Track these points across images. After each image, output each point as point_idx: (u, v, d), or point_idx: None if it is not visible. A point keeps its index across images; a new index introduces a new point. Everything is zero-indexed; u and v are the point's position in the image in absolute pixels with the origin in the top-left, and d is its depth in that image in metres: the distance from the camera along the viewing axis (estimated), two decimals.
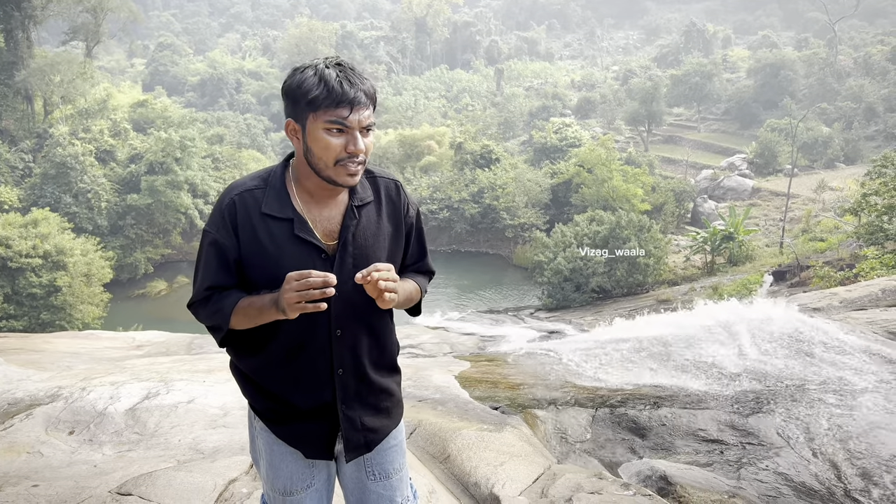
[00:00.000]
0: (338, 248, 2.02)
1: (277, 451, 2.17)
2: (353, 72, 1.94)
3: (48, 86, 39.21)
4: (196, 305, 2.09)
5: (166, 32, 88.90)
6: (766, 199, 40.08)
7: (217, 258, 2.01)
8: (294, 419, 2.12)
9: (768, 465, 4.74)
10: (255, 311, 1.94)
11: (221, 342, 2.09)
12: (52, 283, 24.37)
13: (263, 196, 2.00)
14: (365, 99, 1.91)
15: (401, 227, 2.18)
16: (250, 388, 2.17)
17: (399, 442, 2.30)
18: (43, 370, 7.21)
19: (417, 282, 2.25)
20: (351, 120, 1.89)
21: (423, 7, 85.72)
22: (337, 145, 1.91)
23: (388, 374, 2.23)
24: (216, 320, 2.03)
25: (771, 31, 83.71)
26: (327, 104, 1.88)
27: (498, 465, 4.26)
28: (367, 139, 1.95)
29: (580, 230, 26.86)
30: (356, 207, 2.06)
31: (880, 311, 9.22)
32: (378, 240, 2.10)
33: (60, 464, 4.39)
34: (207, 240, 2.03)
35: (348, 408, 2.11)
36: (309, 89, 1.90)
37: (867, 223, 20.16)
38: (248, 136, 52.99)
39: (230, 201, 2.00)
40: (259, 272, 2.00)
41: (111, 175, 36.18)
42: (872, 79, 55.29)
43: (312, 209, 2.03)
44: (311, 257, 1.98)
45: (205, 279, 2.04)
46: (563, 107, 62.69)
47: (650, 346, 7.76)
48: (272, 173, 2.06)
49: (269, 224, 1.98)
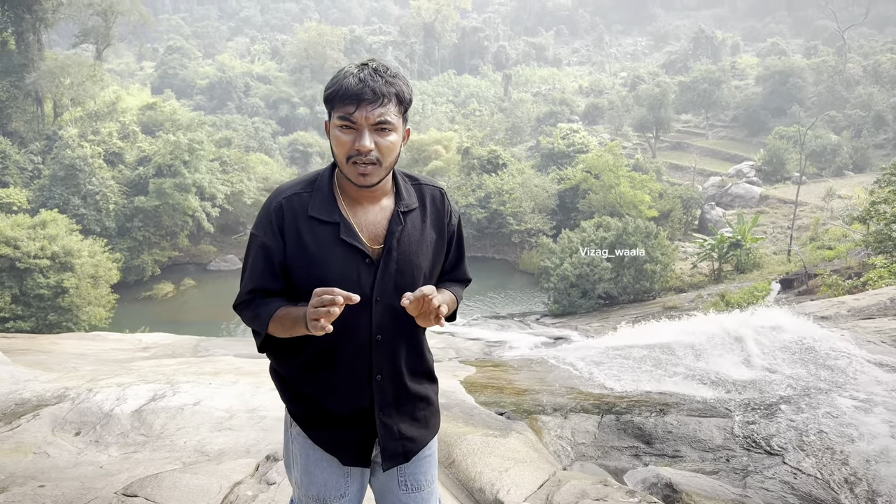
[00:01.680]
0: (382, 253, 2.02)
1: (313, 457, 2.16)
2: (374, 70, 1.94)
3: (58, 88, 39.42)
4: (240, 308, 2.10)
5: (176, 36, 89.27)
6: (774, 207, 39.94)
7: (263, 261, 2.02)
8: (331, 424, 2.11)
9: (774, 474, 4.72)
10: (290, 322, 1.94)
11: (260, 347, 2.11)
12: (59, 284, 24.44)
13: (310, 199, 2.02)
14: (373, 96, 1.90)
15: (444, 235, 2.19)
16: (288, 391, 2.17)
17: (433, 453, 2.30)
18: (50, 371, 7.23)
19: (454, 292, 2.26)
20: (357, 116, 1.90)
21: (431, 12, 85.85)
22: (346, 142, 1.92)
23: (425, 382, 2.23)
24: (255, 325, 2.06)
25: (780, 38, 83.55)
26: (339, 100, 1.91)
27: (503, 470, 4.26)
28: (381, 138, 1.94)
29: (587, 236, 26.81)
30: (402, 213, 2.07)
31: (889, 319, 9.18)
32: (422, 247, 2.10)
33: (66, 464, 4.40)
34: (255, 243, 2.04)
35: (385, 415, 2.11)
36: (329, 87, 1.95)
37: (876, 231, 20.07)
38: (256, 140, 53.08)
39: (277, 205, 2.02)
40: (303, 275, 2.00)
41: (119, 177, 36.31)
42: (882, 87, 55.08)
43: (358, 213, 2.04)
44: (355, 261, 1.99)
45: (249, 282, 2.06)
46: (571, 112, 62.68)
47: (657, 353, 7.74)
48: (319, 177, 2.08)
49: (314, 227, 1.99)
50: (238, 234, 41.98)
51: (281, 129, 62.03)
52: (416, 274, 2.07)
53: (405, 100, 1.99)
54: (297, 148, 55.73)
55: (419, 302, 1.87)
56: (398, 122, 1.98)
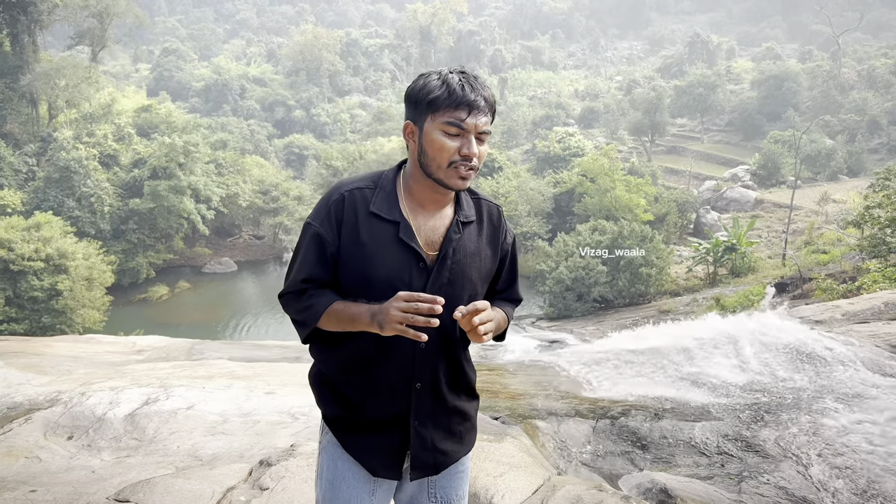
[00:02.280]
0: (437, 259, 2.01)
1: (341, 469, 2.12)
2: (475, 79, 1.96)
3: (53, 90, 39.38)
4: (288, 297, 2.07)
5: (171, 38, 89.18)
6: (769, 211, 40.05)
7: (317, 251, 2.01)
8: (365, 429, 2.08)
9: (769, 479, 4.71)
10: (348, 318, 1.94)
11: (305, 339, 2.09)
12: (53, 286, 24.40)
13: (373, 196, 2.02)
14: (484, 104, 1.93)
15: (497, 252, 2.18)
16: (325, 393, 2.14)
17: (466, 469, 2.27)
18: (43, 374, 7.20)
19: (505, 311, 2.23)
20: (468, 123, 1.91)
21: (427, 16, 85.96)
22: (452, 147, 1.92)
23: (465, 396, 2.20)
24: (305, 317, 2.03)
25: (775, 43, 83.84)
26: (446, 105, 1.91)
27: (497, 475, 4.24)
28: (482, 146, 1.96)
29: (582, 239, 26.87)
30: (461, 223, 2.06)
31: (883, 324, 9.19)
32: (475, 259, 2.09)
33: (58, 469, 4.37)
34: (309, 232, 2.03)
35: (421, 424, 2.08)
36: (431, 90, 1.94)
37: (870, 236, 20.13)
38: (252, 143, 53.09)
39: (339, 196, 2.01)
40: (352, 271, 2.00)
41: (114, 179, 36.26)
42: (876, 91, 55.33)
43: (419, 216, 2.03)
44: (409, 264, 1.98)
45: (301, 270, 2.03)
46: (567, 116, 62.82)
47: (652, 357, 7.74)
48: (383, 176, 2.07)
49: (373, 224, 1.99)
50: (233, 237, 41.94)
51: (276, 131, 62.05)
52: (467, 286, 2.06)
53: (495, 111, 2.02)
54: (293, 150, 55.74)
55: (471, 315, 1.87)
56: (491, 132, 2.01)
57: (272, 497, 3.71)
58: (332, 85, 74.01)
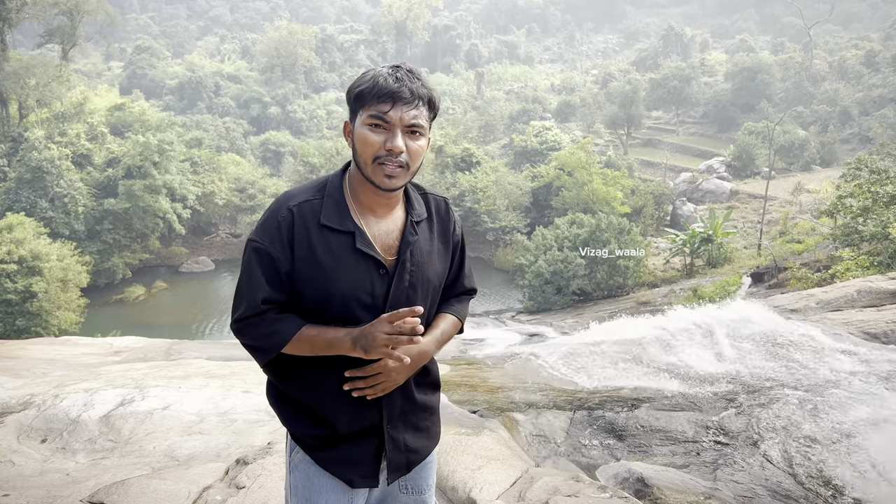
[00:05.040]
0: (396, 264, 1.95)
1: (318, 486, 2.04)
2: (409, 72, 1.89)
3: (23, 89, 38.74)
4: (246, 322, 1.94)
5: (144, 35, 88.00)
6: (744, 202, 40.44)
7: (269, 272, 1.90)
8: (339, 443, 2.02)
9: (744, 466, 4.77)
10: (324, 343, 1.88)
11: (266, 364, 1.98)
12: (27, 288, 24.04)
13: (321, 206, 1.93)
14: (409, 96, 1.85)
15: (449, 246, 2.15)
16: (291, 412, 2.05)
17: (433, 459, 2.26)
18: (17, 377, 7.11)
19: (455, 312, 2.18)
20: (391, 115, 1.84)
21: (402, 10, 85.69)
22: (376, 141, 1.85)
23: (431, 391, 2.18)
24: (270, 342, 1.92)
25: (748, 35, 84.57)
26: (370, 98, 1.85)
27: (475, 468, 4.25)
28: (412, 141, 1.88)
29: (561, 233, 26.97)
30: (414, 223, 2.01)
31: (856, 311, 9.33)
32: (431, 257, 2.05)
33: (32, 472, 4.32)
34: (257, 252, 1.91)
35: (393, 428, 2.05)
36: (359, 84, 1.89)
37: (843, 225, 20.38)
38: (228, 140, 52.61)
39: (287, 212, 1.91)
40: (311, 288, 1.90)
41: (88, 179, 35.78)
42: (847, 83, 56.02)
43: (371, 222, 1.96)
44: (370, 272, 1.91)
45: (258, 292, 1.90)
46: (544, 110, 62.91)
47: (628, 348, 7.80)
48: (329, 184, 1.99)
49: (327, 236, 1.91)
50: (210, 236, 41.60)
51: (252, 128, 61.53)
52: (427, 286, 2.02)
53: (435, 106, 1.94)
54: (269, 147, 55.33)
55: None
56: (427, 127, 1.92)
57: (248, 495, 3.70)
58: (307, 81, 73.52)
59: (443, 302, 2.19)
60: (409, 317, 1.78)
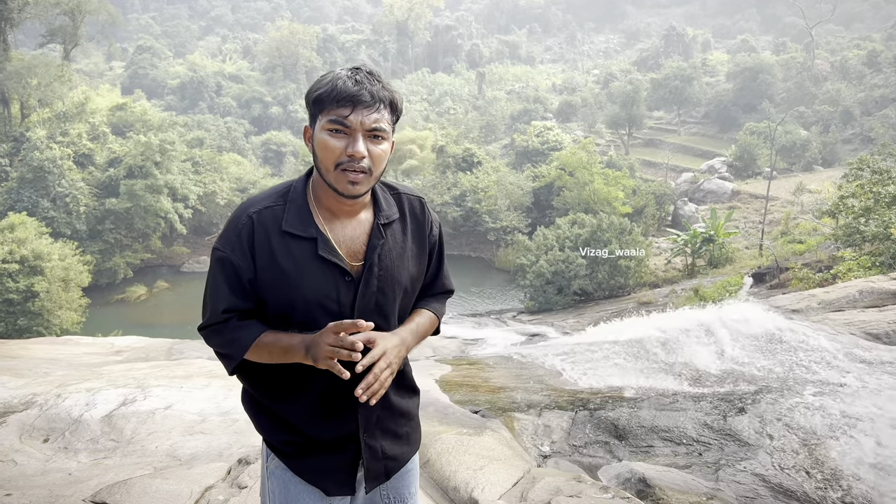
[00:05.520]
0: (363, 270, 1.90)
1: (293, 493, 2.01)
2: (369, 74, 1.84)
3: (25, 89, 38.76)
4: (210, 330, 1.93)
5: (145, 35, 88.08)
6: (746, 202, 40.40)
7: (231, 280, 1.87)
8: (315, 452, 1.98)
9: (746, 467, 4.77)
10: (280, 350, 1.83)
11: (233, 371, 1.94)
12: (29, 288, 24.06)
13: (283, 213, 1.88)
14: (370, 99, 1.79)
15: (425, 247, 2.08)
16: (265, 420, 2.02)
17: (415, 467, 2.21)
18: (19, 377, 7.11)
19: (432, 309, 2.14)
20: (351, 119, 1.78)
21: (404, 10, 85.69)
22: (336, 147, 1.80)
23: (408, 395, 2.14)
24: (230, 350, 1.90)
25: (749, 35, 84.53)
26: (329, 102, 1.80)
27: (477, 469, 4.25)
28: (374, 146, 1.83)
29: (562, 233, 26.97)
30: (382, 226, 1.95)
31: (858, 312, 9.32)
32: (403, 261, 1.99)
33: (34, 472, 4.32)
34: (220, 260, 1.88)
35: (370, 436, 1.99)
36: (317, 89, 1.83)
37: (844, 225, 20.37)
38: (229, 140, 52.63)
39: (247, 219, 1.87)
40: (276, 295, 1.87)
41: (90, 179, 35.82)
42: (849, 83, 55.98)
43: (336, 228, 1.91)
44: (334, 279, 1.86)
45: (219, 301, 1.89)
46: (545, 110, 62.91)
47: (630, 348, 7.79)
48: (292, 189, 1.94)
49: (289, 243, 1.86)
50: (211, 235, 41.60)
51: (254, 128, 61.56)
52: (398, 290, 1.97)
53: (398, 108, 1.89)
54: (271, 147, 55.35)
55: None
56: (390, 130, 1.87)
57: (250, 495, 3.70)
58: (308, 81, 73.31)
59: (419, 300, 2.14)
60: (352, 330, 1.72)
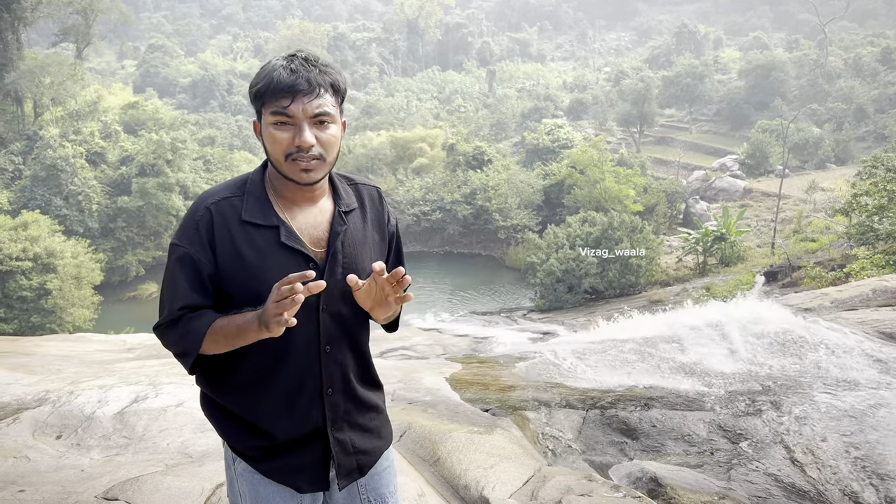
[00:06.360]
0: (327, 257, 1.88)
1: (264, 494, 1.95)
2: (304, 60, 1.79)
3: (38, 88, 39.08)
4: (164, 327, 1.87)
5: (157, 34, 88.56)
6: (758, 200, 40.19)
7: (190, 275, 1.83)
8: (282, 451, 1.93)
9: (758, 466, 4.74)
10: (235, 332, 1.75)
11: (192, 369, 1.88)
12: (42, 285, 24.26)
13: (242, 204, 1.85)
14: (308, 86, 1.76)
15: (385, 236, 2.08)
16: (228, 424, 1.96)
17: (391, 463, 2.16)
18: (32, 374, 7.15)
19: None
20: (293, 109, 1.75)
21: (414, 9, 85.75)
22: (284, 139, 1.78)
23: (373, 389, 2.09)
24: (184, 344, 1.83)
25: (762, 32, 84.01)
26: (269, 95, 1.77)
27: (488, 467, 4.25)
28: (321, 132, 1.80)
29: (572, 231, 26.91)
30: (343, 213, 1.94)
31: (871, 311, 9.25)
32: (365, 248, 1.97)
33: (47, 468, 4.35)
34: (177, 255, 1.84)
35: (338, 430, 1.95)
36: (256, 83, 1.81)
37: (858, 223, 20.25)
38: (240, 138, 52.86)
39: (205, 211, 1.84)
40: (239, 286, 1.83)
41: (102, 177, 36.06)
42: (863, 80, 55.58)
43: (296, 216, 1.89)
44: (298, 267, 1.79)
45: (176, 299, 1.84)
46: (555, 108, 62.78)
47: (641, 346, 7.76)
48: (249, 181, 1.92)
49: (250, 233, 1.83)
50: None
51: None
52: (363, 277, 1.90)
53: (341, 90, 1.85)
54: None
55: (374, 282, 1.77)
56: (336, 113, 1.84)
57: None
58: None
59: None
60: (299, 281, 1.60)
